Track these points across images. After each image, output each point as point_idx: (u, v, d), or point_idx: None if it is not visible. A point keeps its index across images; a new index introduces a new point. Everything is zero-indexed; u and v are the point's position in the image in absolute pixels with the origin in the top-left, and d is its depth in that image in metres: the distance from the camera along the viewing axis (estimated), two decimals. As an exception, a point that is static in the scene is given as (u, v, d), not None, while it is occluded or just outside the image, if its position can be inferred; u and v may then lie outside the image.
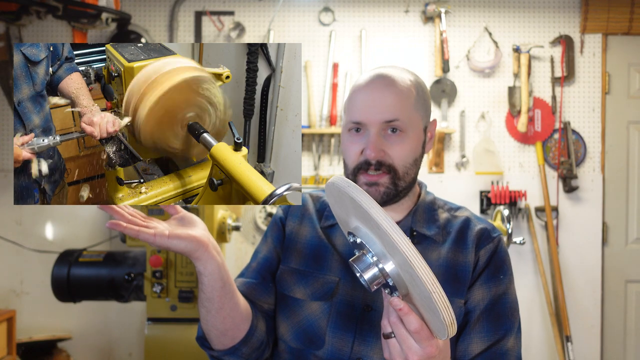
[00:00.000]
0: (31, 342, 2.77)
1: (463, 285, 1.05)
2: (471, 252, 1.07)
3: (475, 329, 1.04)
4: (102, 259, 2.29)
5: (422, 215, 1.10)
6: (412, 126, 1.04)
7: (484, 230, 1.10)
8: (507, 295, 1.07)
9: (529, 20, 3.00)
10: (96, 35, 2.95)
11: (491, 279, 1.06)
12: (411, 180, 1.06)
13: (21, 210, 2.95)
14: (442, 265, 1.06)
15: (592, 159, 3.01)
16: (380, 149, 1.01)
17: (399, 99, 1.03)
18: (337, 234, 1.12)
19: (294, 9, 2.99)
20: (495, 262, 1.08)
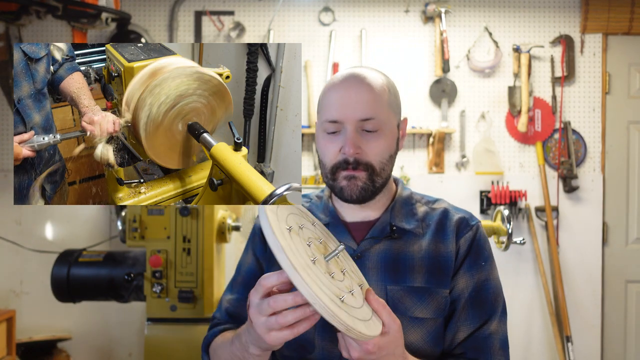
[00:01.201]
0: (31, 342, 2.77)
1: (446, 276, 1.08)
2: (452, 242, 1.10)
3: (461, 317, 1.07)
4: (101, 259, 2.28)
5: (400, 210, 1.12)
6: (387, 124, 1.06)
7: (462, 219, 1.13)
8: (490, 281, 1.11)
9: (529, 20, 3.00)
10: (96, 35, 2.95)
11: (473, 267, 1.09)
12: (387, 176, 1.09)
13: (21, 210, 2.95)
14: (425, 258, 1.08)
15: (593, 159, 3.01)
16: (357, 146, 1.03)
17: (374, 97, 1.05)
18: None
19: (294, 9, 2.99)
20: (476, 249, 1.11)
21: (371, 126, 1.04)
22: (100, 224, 2.95)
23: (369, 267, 1.08)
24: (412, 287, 1.06)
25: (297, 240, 0.86)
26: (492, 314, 1.09)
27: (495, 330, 1.08)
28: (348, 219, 1.13)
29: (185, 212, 2.15)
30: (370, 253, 1.09)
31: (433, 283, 1.07)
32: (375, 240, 1.10)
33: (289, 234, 0.84)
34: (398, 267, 1.07)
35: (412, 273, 1.07)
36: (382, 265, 1.08)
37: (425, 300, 1.06)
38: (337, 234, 1.11)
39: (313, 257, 0.85)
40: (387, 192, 1.13)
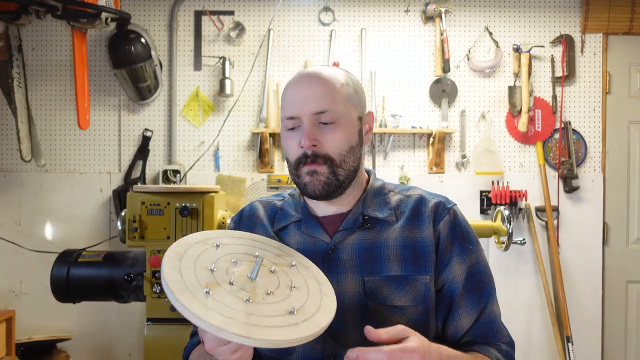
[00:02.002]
0: (30, 342, 2.76)
1: (425, 262, 1.07)
2: (428, 227, 1.09)
3: (462, 303, 1.08)
4: (101, 259, 2.28)
5: (372, 201, 1.13)
6: (344, 115, 1.07)
7: (438, 203, 1.12)
8: (480, 262, 1.11)
9: (529, 20, 3.00)
10: (96, 35, 2.95)
11: (463, 252, 1.09)
12: (351, 168, 1.09)
13: (20, 210, 2.95)
14: (399, 245, 1.08)
15: (593, 158, 3.01)
16: (314, 138, 1.05)
17: (327, 90, 1.07)
18: (290, 235, 1.13)
19: (294, 9, 2.98)
20: (461, 233, 1.11)
21: (327, 118, 1.06)
22: (100, 224, 2.95)
23: (344, 260, 1.07)
24: (389, 276, 1.06)
25: (188, 271, 0.84)
26: (490, 294, 1.10)
27: (496, 311, 1.11)
28: (320, 213, 1.13)
29: (185, 212, 2.15)
30: (344, 245, 1.09)
31: (410, 270, 1.07)
32: (349, 232, 1.09)
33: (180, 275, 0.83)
34: (373, 257, 1.07)
35: (388, 262, 1.07)
36: (357, 256, 1.08)
37: (403, 288, 1.06)
38: (310, 228, 1.11)
39: (206, 288, 0.82)
40: (358, 185, 1.13)
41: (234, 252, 0.94)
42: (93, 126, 2.94)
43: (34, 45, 2.97)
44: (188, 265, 0.85)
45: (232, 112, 2.95)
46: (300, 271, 0.96)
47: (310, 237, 1.11)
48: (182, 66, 2.98)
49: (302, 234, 1.12)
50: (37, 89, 2.97)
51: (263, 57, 2.96)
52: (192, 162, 2.96)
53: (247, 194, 2.95)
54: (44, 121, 2.97)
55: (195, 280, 0.82)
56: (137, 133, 2.98)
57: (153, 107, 2.98)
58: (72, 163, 2.98)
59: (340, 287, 1.06)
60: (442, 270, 1.09)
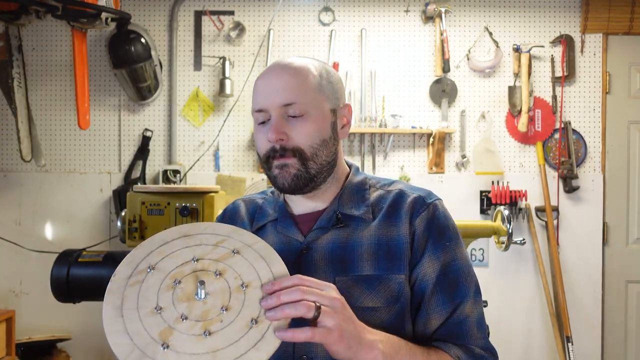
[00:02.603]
0: (30, 342, 2.76)
1: (399, 260, 1.02)
2: (404, 223, 1.04)
3: (431, 302, 1.02)
4: (101, 259, 2.27)
5: (349, 197, 1.08)
6: (315, 107, 1.03)
7: (417, 198, 1.06)
8: (457, 261, 1.04)
9: (529, 20, 3.00)
10: (96, 35, 2.95)
11: (437, 249, 1.03)
12: (324, 162, 1.04)
13: (20, 210, 2.95)
14: (373, 243, 1.03)
15: (593, 158, 3.01)
16: (281, 131, 1.01)
17: (296, 82, 1.03)
18: (268, 234, 1.10)
19: (294, 9, 2.98)
20: (437, 229, 1.04)
21: (295, 111, 1.02)
22: (100, 224, 2.95)
23: (316, 260, 1.03)
24: (360, 275, 1.01)
25: (135, 326, 0.78)
26: (465, 295, 1.03)
27: (470, 312, 1.03)
28: (297, 211, 1.10)
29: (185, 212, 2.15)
30: (317, 245, 1.04)
31: (383, 269, 1.01)
32: (322, 230, 1.05)
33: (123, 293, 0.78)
34: (346, 257, 1.02)
35: (360, 261, 1.02)
36: (329, 256, 1.03)
37: (374, 288, 1.00)
38: (285, 228, 1.08)
39: (161, 342, 0.76)
40: (336, 181, 1.09)
41: (171, 269, 0.84)
42: (93, 126, 2.94)
43: (34, 45, 2.97)
44: (131, 316, 0.78)
45: (232, 112, 2.95)
46: (245, 255, 0.88)
47: (285, 236, 1.07)
48: (182, 66, 2.98)
49: (278, 234, 1.08)
50: (37, 89, 2.97)
51: (263, 57, 2.96)
52: (192, 162, 2.96)
53: (247, 194, 2.95)
54: (44, 121, 2.97)
55: (148, 337, 0.76)
56: (137, 133, 2.98)
57: (153, 107, 2.98)
58: (72, 163, 2.98)
59: None
60: (414, 267, 1.03)
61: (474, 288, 1.05)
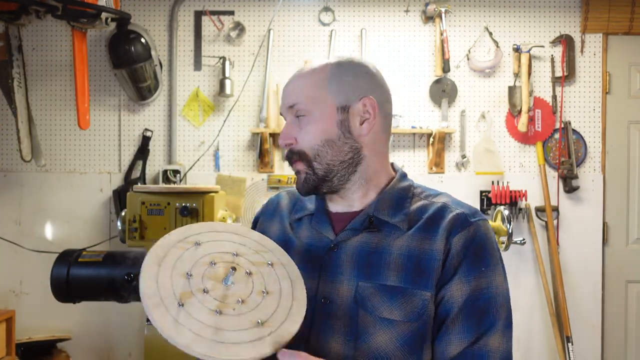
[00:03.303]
0: (30, 342, 2.77)
1: (427, 277, 0.96)
2: (440, 240, 0.97)
3: (454, 328, 0.95)
4: (101, 259, 2.28)
5: (387, 203, 1.04)
6: (317, 106, 1.01)
7: (460, 215, 0.99)
8: (491, 289, 0.96)
9: (529, 20, 3.00)
10: (96, 35, 2.95)
11: (470, 272, 0.96)
12: (335, 162, 1.02)
13: (20, 210, 2.95)
14: (404, 255, 0.98)
15: (593, 158, 3.01)
16: (288, 135, 1.03)
17: (301, 82, 1.04)
18: (303, 227, 1.10)
19: (294, 9, 2.98)
20: (475, 252, 0.97)
21: (298, 111, 1.02)
22: (100, 224, 2.95)
23: (343, 260, 1.02)
24: (384, 285, 0.97)
25: (165, 280, 0.85)
26: (492, 327, 0.95)
27: (496, 348, 0.94)
28: (333, 209, 1.08)
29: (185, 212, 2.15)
30: (346, 245, 1.02)
31: (410, 283, 0.96)
32: (354, 232, 1.03)
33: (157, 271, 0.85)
34: (373, 263, 0.99)
35: (387, 270, 0.98)
36: (356, 259, 1.01)
37: (397, 301, 0.96)
38: (319, 224, 1.07)
39: (180, 300, 0.84)
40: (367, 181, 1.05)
41: (213, 252, 0.93)
42: (93, 126, 2.94)
43: (34, 45, 2.97)
44: (165, 272, 0.86)
45: (232, 112, 2.95)
46: (277, 270, 0.94)
47: (318, 232, 1.06)
48: (182, 66, 2.98)
49: (312, 229, 1.08)
50: (37, 89, 2.97)
51: (263, 57, 2.96)
52: (192, 162, 2.96)
53: (247, 194, 2.95)
54: (44, 121, 2.97)
55: (171, 292, 0.84)
56: (137, 133, 2.98)
57: (153, 107, 2.98)
58: (72, 163, 2.98)
59: (334, 288, 1.01)
60: (442, 286, 0.96)
61: (505, 322, 0.97)
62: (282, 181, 2.94)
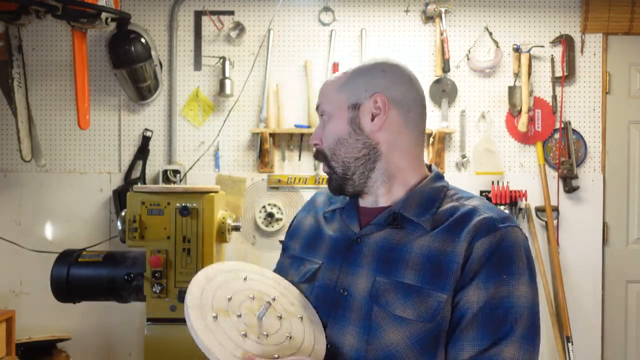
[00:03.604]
0: (30, 342, 2.76)
1: (445, 278, 0.95)
2: (463, 242, 0.96)
3: (468, 334, 0.93)
4: (101, 259, 2.28)
5: (416, 201, 1.04)
6: (334, 107, 1.07)
7: (487, 219, 0.97)
8: (512, 299, 0.92)
9: (529, 20, 3.00)
10: (96, 35, 2.95)
11: (490, 278, 0.93)
12: (349, 158, 1.06)
13: (20, 210, 2.95)
14: (424, 254, 0.97)
15: (593, 158, 3.01)
16: (315, 135, 1.10)
17: (328, 85, 1.10)
18: (334, 220, 1.14)
19: (294, 9, 2.98)
20: (499, 258, 0.94)
21: (322, 112, 1.09)
22: (100, 224, 2.95)
23: (364, 254, 1.03)
24: (400, 282, 0.97)
25: (208, 294, 0.97)
26: (507, 337, 0.91)
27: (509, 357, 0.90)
28: (362, 203, 1.11)
29: (185, 212, 2.15)
30: (368, 239, 1.04)
31: (427, 283, 0.96)
32: (378, 227, 1.04)
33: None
34: (392, 259, 1.00)
35: (405, 268, 0.98)
36: (376, 253, 1.02)
37: (411, 300, 0.95)
38: (348, 217, 1.11)
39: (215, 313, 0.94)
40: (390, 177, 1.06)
41: (256, 289, 1.04)
42: (93, 126, 2.94)
43: (34, 45, 2.97)
44: (211, 288, 0.98)
45: (232, 112, 2.95)
46: (305, 324, 1.01)
47: (345, 225, 1.10)
48: (182, 66, 2.98)
49: (341, 221, 1.11)
50: (37, 89, 2.97)
51: (263, 57, 2.96)
52: (192, 162, 2.96)
53: (247, 194, 2.95)
54: (44, 121, 2.97)
55: (210, 303, 0.95)
56: (137, 133, 2.98)
57: (153, 107, 2.98)
58: (72, 163, 2.98)
59: (353, 281, 1.02)
60: (459, 291, 0.95)
61: (524, 333, 0.92)
62: (282, 181, 2.94)
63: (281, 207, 2.93)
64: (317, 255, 1.11)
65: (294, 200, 2.95)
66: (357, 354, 0.97)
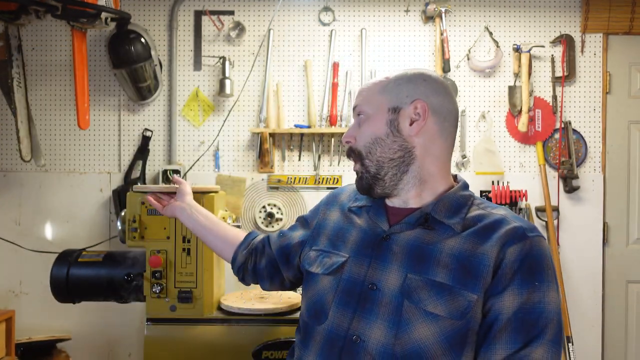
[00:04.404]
0: (30, 342, 2.76)
1: (475, 279, 1.00)
2: (494, 247, 1.01)
3: (501, 338, 0.97)
4: (101, 259, 2.27)
5: (445, 206, 1.08)
6: (372, 108, 1.11)
7: (517, 228, 1.02)
8: (543, 304, 0.98)
9: (529, 20, 3.00)
10: (95, 35, 2.95)
11: (523, 285, 0.98)
12: (384, 158, 1.09)
13: (20, 210, 2.95)
14: (456, 255, 1.02)
15: (593, 158, 3.01)
16: (350, 134, 1.13)
17: (369, 87, 1.14)
18: (361, 215, 1.18)
19: (294, 9, 2.98)
20: (531, 266, 0.99)
21: (359, 112, 1.13)
22: (100, 224, 2.95)
23: (394, 251, 1.06)
24: (432, 280, 1.01)
25: None
26: (538, 339, 0.96)
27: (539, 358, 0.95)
28: (390, 203, 1.15)
29: (184, 212, 2.14)
30: (399, 237, 1.08)
31: (457, 282, 1.00)
32: (409, 226, 1.08)
33: None
34: (423, 257, 1.03)
35: (437, 267, 1.02)
36: (407, 251, 1.05)
37: (443, 297, 1.00)
38: (376, 215, 1.14)
39: None
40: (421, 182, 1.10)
41: None
42: (93, 126, 2.94)
43: (33, 45, 2.97)
44: None
45: (232, 112, 2.95)
46: None
47: (373, 222, 1.13)
48: (182, 66, 2.97)
49: (368, 218, 1.15)
50: (37, 89, 2.97)
51: (263, 57, 2.95)
52: (192, 162, 2.96)
53: (247, 194, 2.95)
54: (44, 121, 2.97)
55: None
56: (137, 133, 2.98)
57: (153, 107, 2.98)
58: (72, 163, 2.98)
59: (382, 276, 1.05)
60: (492, 296, 0.99)
61: (553, 338, 0.98)
62: (282, 181, 2.94)
63: (281, 207, 2.93)
64: (343, 249, 1.14)
65: (294, 200, 2.95)
66: (384, 348, 0.99)
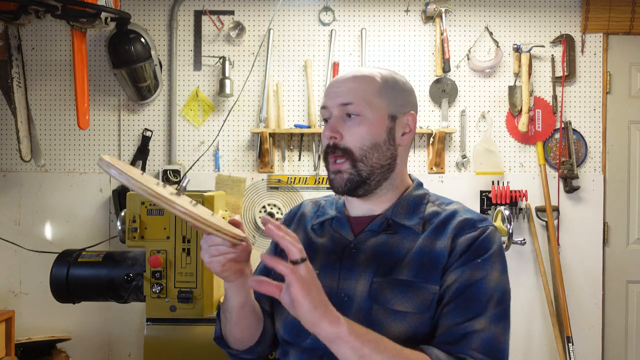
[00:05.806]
0: (30, 342, 2.76)
1: (436, 272, 1.04)
2: (448, 239, 1.06)
3: (443, 311, 1.01)
4: (101, 259, 2.27)
5: (404, 208, 1.12)
6: (372, 110, 1.08)
7: (467, 219, 1.09)
8: (484, 282, 1.02)
9: (529, 20, 3.00)
10: (95, 34, 2.95)
11: (466, 263, 1.03)
12: (376, 165, 1.09)
13: (20, 210, 2.95)
14: (417, 253, 1.07)
15: (593, 158, 3.01)
16: (336, 130, 1.08)
17: (358, 84, 1.09)
18: (324, 230, 1.18)
19: (294, 9, 2.98)
20: (477, 247, 1.04)
21: (352, 110, 1.08)
22: (99, 224, 2.95)
23: (361, 260, 1.09)
24: (396, 279, 1.04)
25: None
26: (479, 314, 1.00)
27: (479, 329, 0.99)
28: (353, 213, 1.16)
29: (184, 212, 2.14)
30: (365, 246, 1.10)
31: (419, 277, 1.04)
32: (372, 233, 1.11)
33: None
34: (388, 261, 1.07)
35: (400, 267, 1.05)
36: (372, 258, 1.08)
37: (407, 294, 1.03)
38: (339, 226, 1.15)
39: None
40: (394, 188, 1.14)
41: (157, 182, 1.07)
42: (93, 126, 2.94)
43: (33, 45, 2.97)
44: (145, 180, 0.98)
45: (232, 112, 2.95)
46: None
47: (338, 234, 1.14)
48: (182, 66, 2.97)
49: (332, 231, 1.16)
50: (36, 88, 2.97)
51: (263, 57, 2.95)
52: (192, 162, 2.96)
53: (247, 194, 2.95)
54: (44, 121, 2.97)
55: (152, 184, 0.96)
56: (137, 133, 2.97)
57: (153, 107, 2.98)
58: (72, 163, 2.98)
59: (352, 285, 1.07)
60: (443, 276, 1.05)
61: (495, 313, 1.01)
62: (282, 181, 2.94)
63: (281, 207, 2.93)
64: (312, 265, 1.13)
65: (294, 200, 2.94)
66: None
